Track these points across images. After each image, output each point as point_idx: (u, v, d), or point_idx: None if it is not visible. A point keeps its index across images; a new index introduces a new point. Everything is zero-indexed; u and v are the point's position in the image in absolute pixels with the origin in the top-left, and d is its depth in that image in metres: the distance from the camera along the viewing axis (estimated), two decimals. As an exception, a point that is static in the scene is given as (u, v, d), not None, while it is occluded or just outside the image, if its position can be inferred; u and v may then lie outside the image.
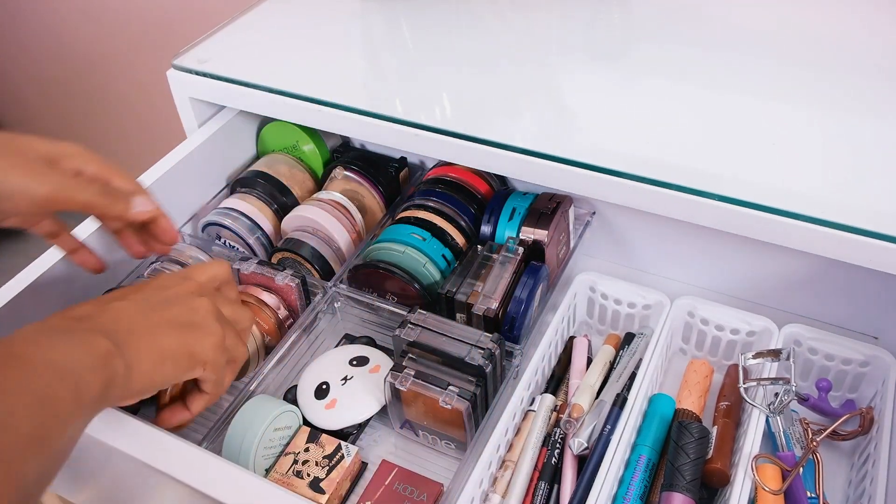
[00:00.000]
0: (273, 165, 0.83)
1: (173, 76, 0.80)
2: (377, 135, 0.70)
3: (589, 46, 0.77)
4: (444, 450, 0.64)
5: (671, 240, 0.76)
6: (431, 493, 0.59)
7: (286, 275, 0.69)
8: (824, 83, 0.67)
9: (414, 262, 0.69)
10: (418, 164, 0.87)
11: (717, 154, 0.60)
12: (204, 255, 0.73)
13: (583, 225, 0.77)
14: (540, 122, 0.67)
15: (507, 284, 0.65)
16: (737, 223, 0.57)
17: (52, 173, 0.53)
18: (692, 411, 0.62)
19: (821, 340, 0.64)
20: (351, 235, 0.77)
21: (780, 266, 0.71)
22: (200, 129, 0.82)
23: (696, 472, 0.56)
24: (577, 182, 0.62)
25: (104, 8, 1.47)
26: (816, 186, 0.57)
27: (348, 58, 0.79)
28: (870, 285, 0.67)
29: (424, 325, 0.63)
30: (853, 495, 0.59)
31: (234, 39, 0.84)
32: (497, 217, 0.72)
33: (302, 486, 0.59)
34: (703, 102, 0.66)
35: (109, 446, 0.50)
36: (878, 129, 0.61)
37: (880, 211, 0.53)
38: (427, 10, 0.84)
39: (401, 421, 0.64)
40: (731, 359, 0.68)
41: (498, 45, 0.78)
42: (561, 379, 0.68)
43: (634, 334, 0.69)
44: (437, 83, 0.73)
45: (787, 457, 0.56)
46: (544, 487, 0.59)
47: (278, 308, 0.69)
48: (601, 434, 0.60)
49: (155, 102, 1.60)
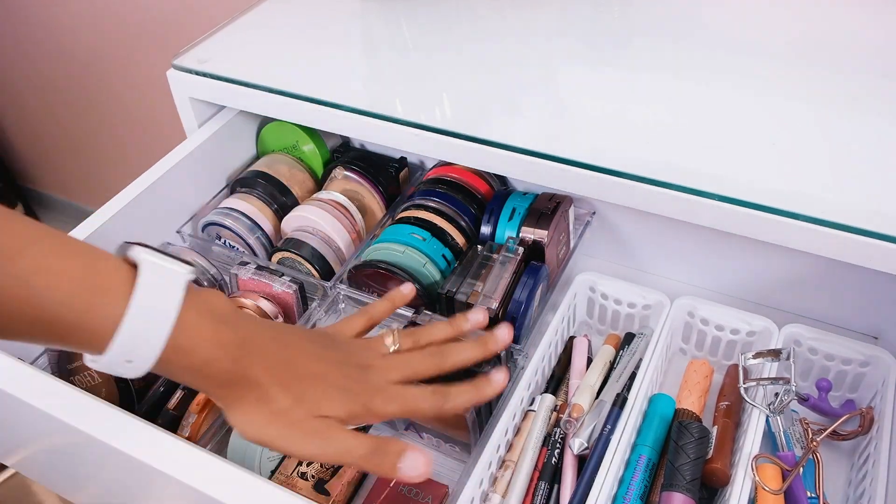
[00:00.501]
0: (273, 165, 0.83)
1: (173, 76, 0.80)
2: (377, 135, 0.70)
3: (589, 46, 0.77)
4: (449, 452, 0.65)
5: (671, 240, 0.76)
6: (437, 496, 0.59)
7: (284, 281, 0.69)
8: (824, 83, 0.67)
9: (414, 262, 0.69)
10: (418, 164, 0.87)
11: (716, 154, 0.60)
12: (202, 260, 0.73)
13: (583, 225, 0.77)
14: (540, 122, 0.67)
15: (507, 284, 0.65)
16: (737, 223, 0.57)
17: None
18: (692, 411, 0.62)
19: (821, 340, 0.64)
20: (351, 235, 0.77)
21: (780, 266, 0.71)
22: (200, 129, 0.82)
23: (696, 472, 0.56)
24: (577, 182, 0.62)
25: (104, 8, 1.47)
26: (816, 186, 0.57)
27: (348, 58, 0.79)
28: (870, 285, 0.67)
29: (427, 326, 0.63)
30: (853, 495, 0.59)
31: (234, 39, 0.84)
32: (497, 217, 0.72)
33: (306, 488, 0.59)
34: (704, 102, 0.66)
35: (110, 446, 0.50)
36: (879, 129, 0.61)
37: (880, 211, 0.53)
38: (427, 10, 0.84)
39: (405, 423, 0.64)
40: (731, 359, 0.68)
41: (498, 44, 0.78)
42: (561, 379, 0.68)
43: (634, 334, 0.69)
44: (436, 83, 0.73)
45: (787, 457, 0.56)
46: (544, 487, 0.59)
47: (276, 317, 0.69)
48: (601, 434, 0.60)
49: (155, 102, 1.60)
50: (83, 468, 0.61)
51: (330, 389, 0.46)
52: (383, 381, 0.49)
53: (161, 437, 0.50)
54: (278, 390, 0.44)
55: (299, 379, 0.46)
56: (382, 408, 0.47)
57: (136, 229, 0.73)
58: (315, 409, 0.45)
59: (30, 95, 1.84)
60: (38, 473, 0.75)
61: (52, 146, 1.97)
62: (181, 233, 0.79)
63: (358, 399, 0.47)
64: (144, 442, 0.50)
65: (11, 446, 0.67)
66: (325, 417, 0.45)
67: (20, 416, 0.56)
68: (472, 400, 0.51)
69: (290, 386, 0.45)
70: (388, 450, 0.45)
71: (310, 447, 0.45)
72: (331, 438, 0.45)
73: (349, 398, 0.46)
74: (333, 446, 0.45)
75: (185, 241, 0.80)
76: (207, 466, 0.48)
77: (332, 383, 0.47)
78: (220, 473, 0.48)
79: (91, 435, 0.50)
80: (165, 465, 0.48)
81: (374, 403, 0.47)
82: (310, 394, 0.45)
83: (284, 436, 0.44)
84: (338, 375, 0.47)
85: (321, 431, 0.45)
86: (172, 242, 0.78)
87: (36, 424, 0.56)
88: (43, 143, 1.98)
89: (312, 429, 0.45)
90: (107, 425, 0.50)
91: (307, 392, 0.45)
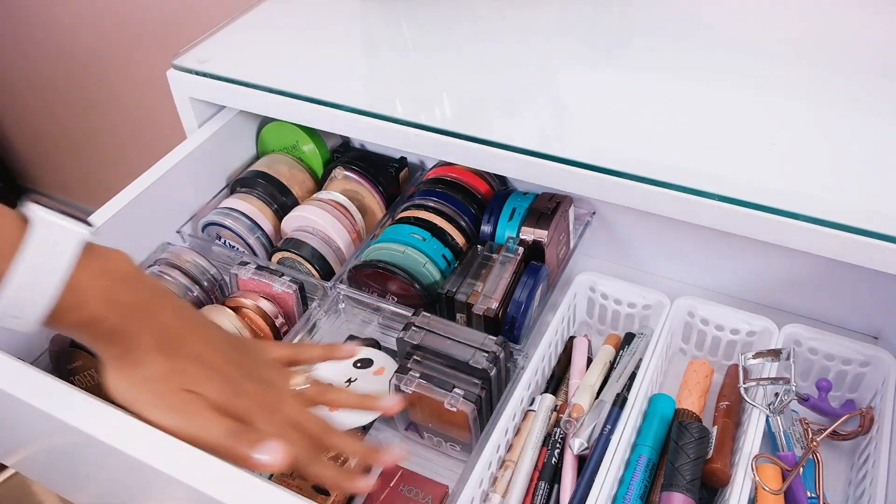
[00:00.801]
0: (273, 165, 0.83)
1: (173, 76, 0.80)
2: (377, 135, 0.70)
3: (589, 46, 0.77)
4: (449, 452, 0.65)
5: (671, 240, 0.76)
6: (437, 495, 0.59)
7: (284, 281, 0.69)
8: (824, 83, 0.67)
9: (414, 262, 0.69)
10: (418, 164, 0.87)
11: (716, 154, 0.60)
12: (202, 260, 0.73)
13: (583, 225, 0.77)
14: (540, 122, 0.67)
15: (507, 284, 0.65)
16: (737, 223, 0.57)
17: None
18: (692, 411, 0.62)
19: (821, 340, 0.64)
20: (351, 235, 0.77)
21: (780, 266, 0.71)
22: (200, 129, 0.82)
23: (696, 472, 0.56)
24: (577, 182, 0.62)
25: (104, 8, 1.47)
26: (816, 186, 0.57)
27: (348, 58, 0.79)
28: (870, 285, 0.67)
29: (428, 328, 0.63)
30: (853, 495, 0.59)
31: (234, 39, 0.84)
32: (497, 217, 0.72)
33: (306, 488, 0.59)
34: (703, 102, 0.66)
35: (110, 446, 0.50)
36: (879, 129, 0.61)
37: (880, 211, 0.53)
38: (427, 10, 0.84)
39: (406, 423, 0.64)
40: (731, 359, 0.68)
41: (498, 44, 0.78)
42: (561, 379, 0.68)
43: (634, 334, 0.69)
44: (436, 83, 0.73)
45: (787, 457, 0.56)
46: (544, 487, 0.59)
47: (276, 317, 0.69)
48: (601, 434, 0.60)
49: (155, 102, 1.60)
50: (83, 468, 0.61)
51: (213, 374, 0.46)
52: (276, 402, 0.48)
53: (161, 437, 0.50)
54: (156, 357, 0.44)
55: (185, 356, 0.45)
56: (261, 421, 0.46)
57: (136, 229, 0.73)
58: (188, 385, 0.45)
59: (30, 95, 1.84)
60: (38, 473, 0.75)
61: (52, 146, 1.96)
62: (181, 233, 0.79)
63: (241, 398, 0.46)
64: (144, 442, 0.50)
65: (11, 446, 0.67)
66: (194, 394, 0.45)
67: (20, 416, 0.56)
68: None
69: (171, 357, 0.45)
70: (246, 437, 0.44)
71: (168, 420, 0.44)
72: (192, 416, 0.44)
73: (231, 391, 0.46)
74: (193, 424, 0.44)
75: (185, 241, 0.80)
76: (207, 466, 0.48)
77: (220, 371, 0.46)
78: (220, 473, 0.48)
79: (91, 435, 0.50)
80: (165, 465, 0.48)
81: (255, 413, 0.46)
82: (190, 371, 0.45)
83: (146, 402, 0.44)
84: (231, 370, 0.47)
85: (184, 407, 0.44)
86: (172, 242, 0.78)
87: (36, 424, 0.56)
88: (43, 143, 1.98)
89: (177, 402, 0.44)
90: (107, 425, 0.50)
91: (188, 369, 0.45)
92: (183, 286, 0.70)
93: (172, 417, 0.44)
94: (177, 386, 0.45)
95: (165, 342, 0.45)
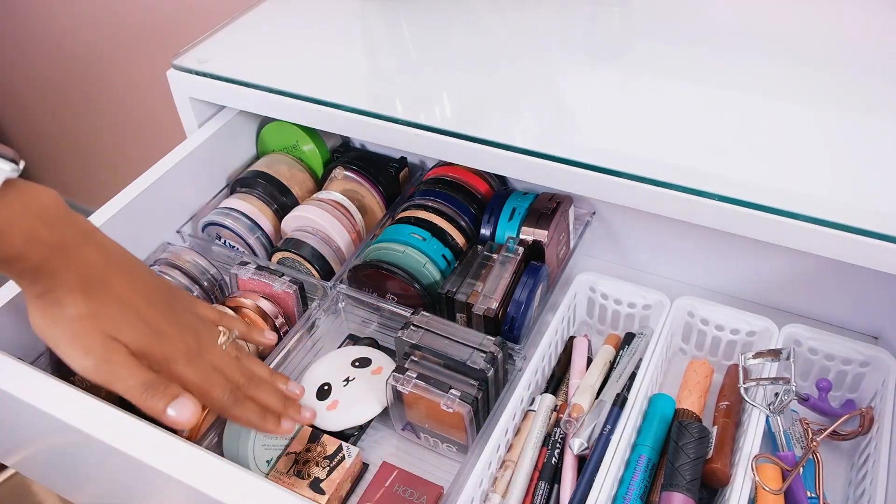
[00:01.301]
0: (273, 165, 0.83)
1: (173, 76, 0.80)
2: (377, 135, 0.70)
3: (589, 46, 0.77)
4: (446, 452, 0.64)
5: (671, 240, 0.76)
6: (431, 496, 0.59)
7: (284, 281, 0.69)
8: (824, 83, 0.67)
9: (414, 262, 0.69)
10: (418, 164, 0.87)
11: (717, 154, 0.60)
12: (202, 260, 0.73)
13: (583, 225, 0.77)
14: (540, 122, 0.67)
15: (507, 284, 0.65)
16: (737, 223, 0.57)
17: None
18: (692, 411, 0.62)
19: (821, 340, 0.64)
20: (351, 235, 0.77)
21: (780, 266, 0.71)
22: (200, 129, 0.82)
23: (696, 472, 0.56)
24: (577, 182, 0.62)
25: (104, 8, 1.47)
26: (816, 186, 0.57)
27: (348, 58, 0.79)
28: (870, 285, 0.67)
29: (427, 328, 0.63)
30: (853, 495, 0.59)
31: (234, 39, 0.84)
32: (497, 217, 0.72)
33: (302, 486, 0.59)
34: (703, 102, 0.66)
35: (110, 446, 0.50)
36: (879, 129, 0.61)
37: (880, 211, 0.53)
38: (427, 10, 0.84)
39: (402, 423, 0.64)
40: (731, 359, 0.68)
41: (498, 44, 0.78)
42: (561, 379, 0.68)
43: (634, 334, 0.69)
44: (437, 83, 0.73)
45: (787, 457, 0.56)
46: (544, 487, 0.59)
47: (276, 317, 0.69)
48: (601, 434, 0.60)
49: (155, 102, 1.60)
50: (83, 468, 0.61)
51: (136, 318, 0.46)
52: (198, 350, 0.48)
53: (161, 437, 0.50)
54: (78, 297, 0.44)
55: (108, 298, 0.45)
56: (182, 368, 0.47)
57: (136, 229, 0.73)
58: (109, 328, 0.45)
59: (30, 95, 1.84)
60: (38, 473, 0.75)
61: (52, 146, 1.96)
62: (181, 233, 0.79)
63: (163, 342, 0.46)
64: (144, 442, 0.50)
65: (11, 446, 0.67)
66: (114, 340, 0.45)
67: (20, 416, 0.56)
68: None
69: (92, 299, 0.45)
70: (162, 390, 0.45)
71: (84, 361, 0.44)
72: (109, 361, 0.44)
73: (153, 335, 0.46)
74: (109, 369, 0.44)
75: (185, 241, 0.80)
76: (207, 466, 0.48)
77: (143, 315, 0.46)
78: (219, 473, 0.48)
79: (91, 435, 0.50)
80: (165, 465, 0.48)
81: (177, 359, 0.47)
82: (111, 313, 0.45)
83: (64, 341, 0.44)
84: (155, 314, 0.47)
85: (102, 350, 0.44)
86: (172, 242, 0.78)
87: (36, 424, 0.56)
88: (43, 143, 1.98)
89: (96, 346, 0.44)
90: (107, 425, 0.51)
91: (110, 311, 0.45)
92: (183, 286, 0.70)
93: (90, 360, 0.44)
94: (97, 328, 0.45)
95: (88, 283, 0.45)
